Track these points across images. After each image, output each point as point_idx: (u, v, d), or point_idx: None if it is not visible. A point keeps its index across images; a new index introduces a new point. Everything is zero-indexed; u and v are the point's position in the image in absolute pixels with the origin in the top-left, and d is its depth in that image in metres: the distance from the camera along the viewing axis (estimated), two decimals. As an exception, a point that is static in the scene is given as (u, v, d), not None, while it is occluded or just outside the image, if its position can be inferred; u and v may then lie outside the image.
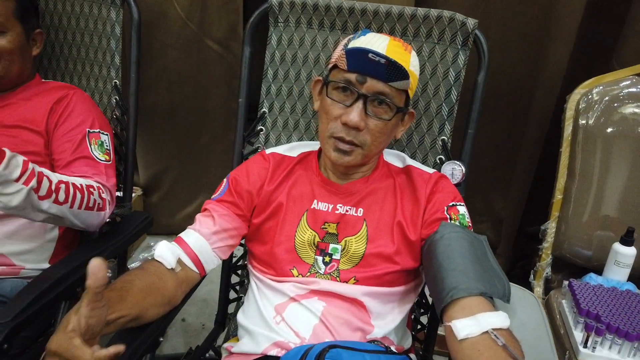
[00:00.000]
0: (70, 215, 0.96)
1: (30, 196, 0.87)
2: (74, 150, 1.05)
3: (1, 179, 0.82)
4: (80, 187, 0.97)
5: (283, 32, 1.05)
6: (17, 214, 0.91)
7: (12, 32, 1.06)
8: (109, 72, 1.25)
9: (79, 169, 1.04)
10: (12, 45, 1.05)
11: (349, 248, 0.90)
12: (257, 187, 0.95)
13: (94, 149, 1.09)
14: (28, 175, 0.86)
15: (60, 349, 0.59)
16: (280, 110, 1.09)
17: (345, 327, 0.86)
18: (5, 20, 1.04)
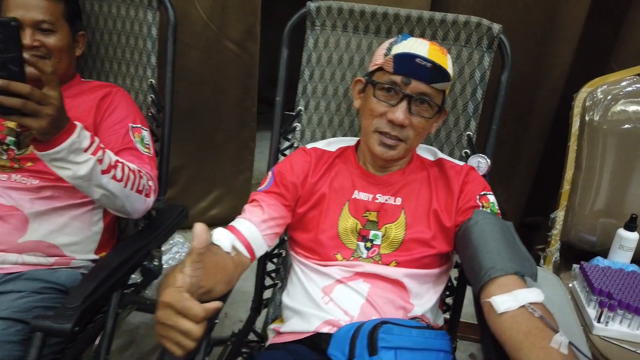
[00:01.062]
0: (122, 195, 1.01)
1: (95, 168, 0.92)
2: (120, 142, 1.12)
3: (73, 146, 0.88)
4: (132, 169, 1.03)
5: (320, 35, 1.13)
6: (80, 186, 0.95)
7: (61, 32, 1.12)
8: (145, 72, 1.31)
9: (126, 158, 1.10)
10: (61, 44, 1.11)
11: (389, 234, 0.98)
12: (301, 179, 1.03)
13: (137, 142, 1.16)
14: (95, 147, 0.93)
15: (173, 300, 0.64)
16: (315, 108, 1.17)
17: (389, 305, 0.95)
18: (56, 21, 1.10)
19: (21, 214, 1.06)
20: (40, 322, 0.88)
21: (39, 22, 1.08)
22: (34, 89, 0.78)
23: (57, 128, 0.85)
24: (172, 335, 0.64)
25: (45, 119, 0.81)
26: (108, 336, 1.06)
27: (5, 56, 0.74)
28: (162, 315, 0.65)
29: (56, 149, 0.86)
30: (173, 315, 0.64)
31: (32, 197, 1.08)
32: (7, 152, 1.10)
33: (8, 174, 1.09)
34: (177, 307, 0.63)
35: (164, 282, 0.70)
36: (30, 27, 1.07)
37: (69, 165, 0.90)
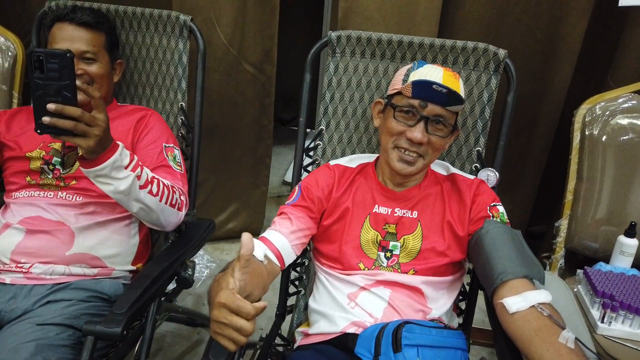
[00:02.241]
0: (158, 209, 1.11)
1: (134, 183, 1.03)
2: (155, 160, 1.22)
3: (116, 164, 0.98)
4: (166, 184, 1.13)
5: (340, 61, 1.23)
6: (120, 200, 1.06)
7: (102, 61, 1.23)
8: (176, 96, 1.41)
9: (160, 176, 1.19)
10: (102, 72, 1.22)
11: (407, 244, 1.07)
12: (325, 193, 1.12)
13: (170, 160, 1.26)
14: (134, 164, 1.03)
15: (227, 300, 0.72)
16: (335, 127, 1.27)
17: (409, 309, 1.04)
18: (98, 51, 1.22)
19: (68, 228, 1.15)
20: (92, 327, 0.96)
21: (83, 52, 1.19)
22: (84, 112, 0.89)
23: (102, 147, 0.95)
24: (227, 332, 0.72)
25: (93, 139, 0.91)
26: (147, 341, 1.15)
27: (61, 84, 0.84)
28: (217, 315, 0.73)
29: (101, 166, 0.97)
30: (228, 314, 0.72)
31: (76, 212, 1.18)
32: (52, 171, 1.20)
33: (54, 191, 1.19)
34: (231, 306, 0.72)
35: (217, 286, 0.79)
36: (75, 57, 1.18)
37: (111, 181, 1.00)
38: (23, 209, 1.17)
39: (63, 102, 0.84)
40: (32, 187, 1.20)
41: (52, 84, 0.83)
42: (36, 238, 1.13)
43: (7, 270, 1.11)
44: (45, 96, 0.83)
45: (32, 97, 0.85)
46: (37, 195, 1.19)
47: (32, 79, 0.83)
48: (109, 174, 0.99)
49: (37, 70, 0.83)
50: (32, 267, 1.11)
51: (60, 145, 1.22)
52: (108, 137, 0.95)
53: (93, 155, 0.95)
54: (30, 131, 1.25)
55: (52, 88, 0.83)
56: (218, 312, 0.73)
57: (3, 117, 1.30)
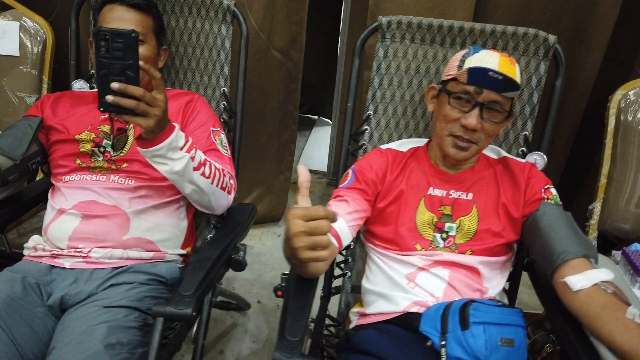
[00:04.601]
0: (210, 191, 1.12)
1: (188, 164, 1.03)
2: (204, 144, 1.22)
3: (172, 144, 0.99)
4: (217, 167, 1.14)
5: (390, 46, 1.24)
6: (174, 181, 1.07)
7: (150, 44, 1.23)
8: (219, 81, 1.42)
9: (212, 159, 1.20)
10: (149, 54, 1.22)
11: (464, 226, 1.10)
12: (379, 176, 1.14)
13: (219, 144, 1.27)
14: (189, 145, 1.04)
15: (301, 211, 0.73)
16: (383, 112, 1.28)
17: (467, 288, 1.07)
18: (146, 33, 1.22)
19: (123, 213, 1.16)
20: (162, 309, 0.98)
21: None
22: (146, 92, 0.89)
23: (161, 127, 0.96)
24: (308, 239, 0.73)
25: (153, 119, 0.92)
26: (205, 323, 1.17)
27: (125, 63, 0.85)
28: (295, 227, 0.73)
29: (158, 146, 0.98)
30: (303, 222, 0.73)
31: (130, 196, 1.18)
32: (103, 154, 1.20)
33: (106, 174, 1.20)
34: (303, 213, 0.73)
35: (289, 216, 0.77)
36: None
37: (167, 162, 1.01)
38: (76, 192, 1.18)
39: (126, 82, 0.85)
40: (83, 170, 1.20)
41: (116, 63, 0.84)
42: (93, 223, 1.14)
43: (65, 255, 1.12)
44: (110, 75, 0.84)
45: (97, 76, 0.86)
46: (89, 179, 1.19)
47: (98, 57, 0.84)
48: (165, 154, 0.99)
49: (102, 49, 0.83)
50: (91, 252, 1.12)
51: (109, 128, 1.22)
52: (166, 118, 0.96)
53: (151, 134, 0.96)
54: (76, 114, 1.25)
55: (116, 67, 0.84)
56: (294, 225, 0.73)
57: (47, 101, 1.29)
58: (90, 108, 1.27)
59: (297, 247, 0.74)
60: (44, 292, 1.06)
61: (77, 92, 1.36)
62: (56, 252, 1.13)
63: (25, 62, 1.72)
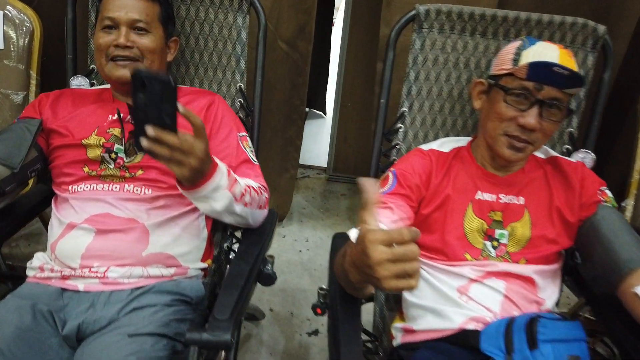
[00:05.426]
0: (250, 215, 1.05)
1: (230, 201, 0.95)
2: (235, 155, 1.13)
3: (214, 187, 0.90)
4: (255, 189, 1.06)
5: (427, 37, 1.14)
6: (212, 214, 0.99)
7: (155, 33, 1.10)
8: (234, 76, 1.30)
9: (245, 172, 1.12)
10: (153, 45, 1.10)
11: (516, 232, 1.02)
12: (424, 180, 1.05)
13: (248, 152, 1.16)
14: (232, 182, 0.95)
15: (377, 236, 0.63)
16: (419, 109, 1.19)
17: (524, 300, 0.99)
18: (151, 21, 1.10)
19: (142, 226, 1.04)
20: (196, 336, 0.87)
21: (135, 21, 1.07)
22: (182, 140, 0.79)
23: (200, 174, 0.86)
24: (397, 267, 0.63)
25: (188, 168, 0.82)
26: (235, 344, 1.07)
27: (162, 109, 0.77)
28: (379, 254, 0.63)
29: (198, 190, 0.89)
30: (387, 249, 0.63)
31: (148, 207, 1.06)
32: (115, 160, 1.08)
33: (120, 184, 1.07)
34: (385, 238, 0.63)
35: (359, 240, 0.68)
36: (126, 26, 1.06)
37: (209, 201, 0.93)
38: (87, 205, 1.05)
39: (162, 127, 0.78)
40: (93, 178, 1.08)
41: (153, 107, 0.77)
42: (108, 238, 1.02)
43: (78, 276, 0.99)
44: (146, 119, 0.77)
45: (133, 116, 0.79)
46: (100, 189, 1.07)
47: (135, 98, 0.76)
48: (207, 195, 0.91)
49: (139, 91, 0.76)
50: (107, 271, 0.99)
51: (120, 131, 1.10)
52: (206, 164, 0.86)
53: (187, 182, 0.87)
54: (80, 115, 1.12)
55: (153, 111, 0.77)
56: (377, 253, 0.63)
57: (46, 101, 1.16)
58: (94, 108, 1.14)
59: (382, 277, 0.64)
60: (58, 320, 0.94)
61: (78, 90, 1.22)
62: (67, 273, 1.00)
63: (10, 55, 1.55)
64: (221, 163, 0.93)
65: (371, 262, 0.64)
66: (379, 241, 0.64)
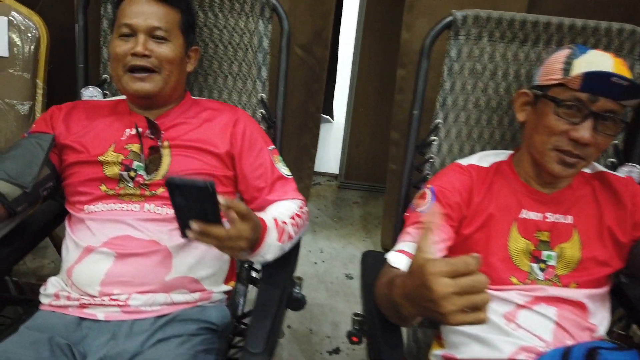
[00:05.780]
0: (295, 242, 1.03)
1: (281, 248, 0.95)
2: (271, 173, 1.08)
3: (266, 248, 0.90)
4: (299, 213, 1.03)
5: (464, 44, 1.08)
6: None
7: (175, 42, 1.04)
8: (255, 86, 1.23)
9: (281, 190, 1.08)
10: (172, 55, 1.03)
11: (564, 254, 0.96)
12: (464, 198, 0.99)
13: (281, 167, 1.10)
14: (280, 232, 0.93)
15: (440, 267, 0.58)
16: (454, 121, 1.12)
17: (576, 327, 0.93)
18: (171, 29, 1.03)
19: (164, 248, 0.97)
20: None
21: (154, 28, 1.01)
22: (228, 231, 0.77)
23: (251, 247, 0.86)
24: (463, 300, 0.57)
25: (239, 250, 0.81)
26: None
27: (203, 208, 0.74)
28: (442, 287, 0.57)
29: (250, 255, 0.89)
30: (452, 281, 0.57)
31: (170, 228, 1.00)
32: (134, 179, 1.01)
33: (140, 203, 1.00)
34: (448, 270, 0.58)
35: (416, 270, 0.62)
36: (144, 33, 1.00)
37: (260, 256, 0.91)
38: (105, 226, 0.98)
39: (206, 222, 0.75)
40: (110, 198, 1.01)
41: (194, 207, 0.74)
42: (129, 263, 0.95)
43: (98, 304, 0.92)
44: (189, 215, 0.75)
45: (175, 210, 0.76)
46: (119, 209, 1.00)
47: (173, 201, 0.75)
48: (258, 254, 0.90)
49: (176, 195, 0.74)
50: (129, 299, 0.92)
51: (139, 147, 1.03)
52: (256, 234, 0.85)
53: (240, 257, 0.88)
54: (95, 130, 1.05)
55: (194, 210, 0.75)
56: (441, 286, 0.57)
57: (58, 114, 1.09)
58: (109, 121, 1.07)
59: (448, 312, 0.58)
60: (77, 354, 0.87)
61: (91, 102, 1.16)
62: (86, 301, 0.93)
63: (15, 63, 1.48)
64: (269, 220, 0.91)
65: (435, 297, 0.58)
66: (442, 273, 0.58)
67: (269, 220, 0.90)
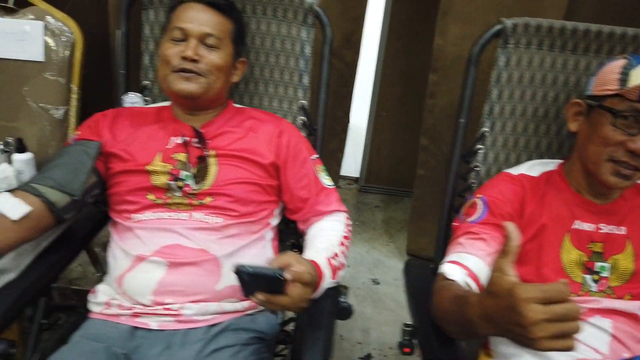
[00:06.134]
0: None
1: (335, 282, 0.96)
2: (315, 185, 1.09)
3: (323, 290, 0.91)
4: (346, 234, 1.04)
5: (513, 53, 1.07)
6: None
7: (225, 51, 1.04)
8: (296, 93, 1.22)
9: (325, 201, 1.09)
10: (221, 62, 1.03)
11: (618, 266, 0.95)
12: (516, 208, 0.98)
13: (323, 177, 1.10)
14: (334, 269, 0.94)
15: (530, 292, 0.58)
16: (501, 129, 1.12)
17: (632, 340, 0.92)
18: (223, 37, 1.03)
19: (214, 257, 0.97)
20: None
21: (207, 35, 1.01)
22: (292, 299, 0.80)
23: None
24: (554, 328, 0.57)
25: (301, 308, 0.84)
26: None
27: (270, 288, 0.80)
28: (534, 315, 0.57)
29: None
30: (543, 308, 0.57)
31: (218, 237, 0.99)
32: (181, 189, 1.00)
33: (188, 212, 1.00)
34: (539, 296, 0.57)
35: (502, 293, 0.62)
36: (196, 38, 1.00)
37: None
38: (155, 235, 0.97)
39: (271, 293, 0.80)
40: (158, 207, 1.00)
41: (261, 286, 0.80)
42: (181, 272, 0.94)
43: (151, 313, 0.92)
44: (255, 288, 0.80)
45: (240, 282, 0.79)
46: (167, 218, 0.99)
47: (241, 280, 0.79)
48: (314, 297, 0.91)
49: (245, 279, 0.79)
50: (182, 309, 0.92)
51: (185, 157, 1.02)
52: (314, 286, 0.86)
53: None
54: (140, 138, 1.05)
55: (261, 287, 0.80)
56: (533, 312, 0.57)
57: (103, 122, 1.08)
58: (154, 129, 1.07)
59: (537, 339, 0.58)
60: None
61: (134, 109, 1.15)
62: (138, 310, 0.93)
63: (51, 68, 1.48)
64: (324, 265, 0.91)
65: (525, 322, 0.58)
66: (535, 299, 0.58)
67: (324, 265, 0.91)
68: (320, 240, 1.02)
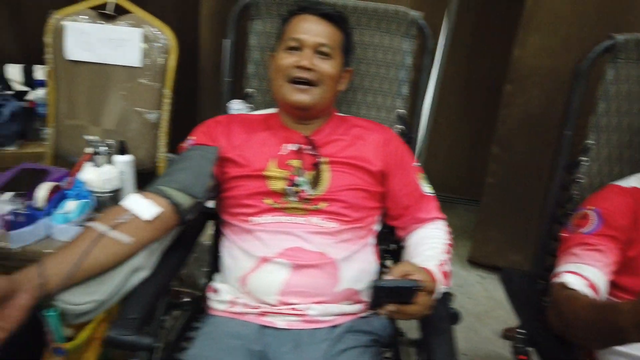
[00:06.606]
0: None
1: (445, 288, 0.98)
2: (416, 192, 1.13)
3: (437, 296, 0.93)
4: (449, 242, 1.07)
5: (622, 67, 1.09)
6: None
7: (335, 60, 1.08)
8: (394, 102, 1.26)
9: (426, 209, 1.12)
10: (332, 71, 1.07)
11: None
12: (631, 220, 0.99)
13: (424, 184, 1.13)
14: (445, 276, 0.97)
15: None
16: (606, 143, 1.13)
17: None
18: (334, 47, 1.08)
19: (331, 261, 1.00)
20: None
21: (320, 44, 1.06)
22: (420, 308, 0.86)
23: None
24: None
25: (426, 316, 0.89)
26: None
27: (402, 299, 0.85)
28: None
29: None
30: None
31: (334, 241, 1.03)
32: (297, 194, 1.04)
33: (305, 216, 1.04)
34: None
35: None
36: (311, 49, 1.05)
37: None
38: (276, 238, 1.01)
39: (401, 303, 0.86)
40: (277, 211, 1.04)
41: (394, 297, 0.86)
42: (304, 274, 0.98)
43: (277, 312, 0.96)
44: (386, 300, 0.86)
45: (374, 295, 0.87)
46: (287, 222, 1.03)
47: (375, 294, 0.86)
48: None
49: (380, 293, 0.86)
50: (308, 309, 0.96)
51: (300, 163, 1.06)
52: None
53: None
54: (254, 145, 1.09)
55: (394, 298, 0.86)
56: None
57: (217, 128, 1.13)
58: (266, 136, 1.11)
59: None
60: None
61: (244, 116, 1.20)
62: (265, 309, 0.97)
63: (147, 74, 1.55)
64: (437, 272, 0.94)
65: None
66: None
67: (436, 272, 0.94)
68: (425, 248, 1.05)
